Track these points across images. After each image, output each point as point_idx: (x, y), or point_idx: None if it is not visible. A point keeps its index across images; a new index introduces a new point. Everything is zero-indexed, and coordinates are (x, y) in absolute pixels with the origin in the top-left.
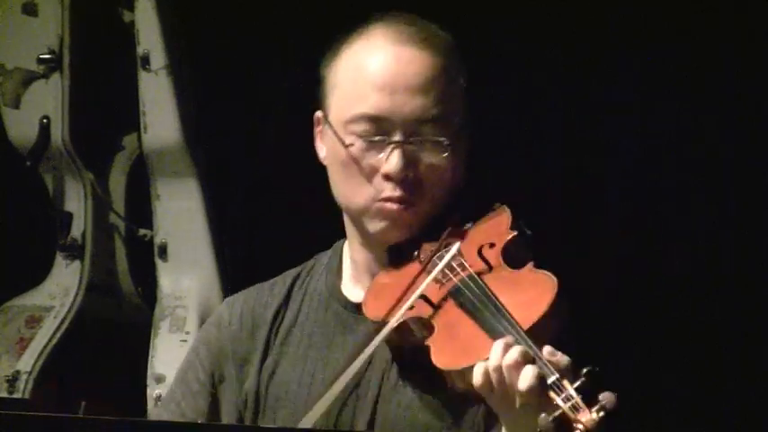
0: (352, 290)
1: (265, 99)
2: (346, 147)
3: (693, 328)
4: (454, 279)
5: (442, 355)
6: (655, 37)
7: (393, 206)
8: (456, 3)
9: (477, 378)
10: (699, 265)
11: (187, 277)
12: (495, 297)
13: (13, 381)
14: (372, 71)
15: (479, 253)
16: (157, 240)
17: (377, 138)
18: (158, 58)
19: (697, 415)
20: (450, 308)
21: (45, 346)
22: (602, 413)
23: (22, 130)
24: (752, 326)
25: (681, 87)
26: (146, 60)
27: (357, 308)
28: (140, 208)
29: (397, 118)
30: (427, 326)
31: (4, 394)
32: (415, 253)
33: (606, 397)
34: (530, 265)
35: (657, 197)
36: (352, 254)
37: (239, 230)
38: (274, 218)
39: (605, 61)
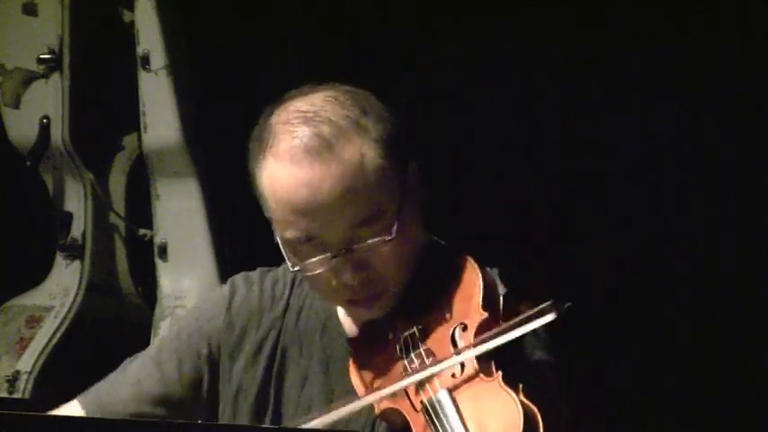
0: (346, 318)
1: (265, 99)
2: (294, 269)
3: (693, 329)
4: (429, 391)
5: None
6: (655, 37)
7: (360, 307)
8: (456, 3)
9: None
10: (699, 265)
11: (187, 277)
12: (463, 426)
13: (13, 381)
14: (287, 198)
15: (452, 341)
16: (157, 240)
17: (318, 257)
18: (158, 58)
19: (697, 415)
20: (424, 424)
21: (45, 346)
22: None
23: (22, 130)
24: (752, 326)
25: (681, 87)
26: (146, 60)
27: (349, 341)
28: (140, 208)
29: (330, 234)
30: (402, 422)
31: (4, 394)
32: (391, 328)
33: None
34: (499, 375)
35: (657, 197)
36: None
37: (239, 230)
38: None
39: (605, 61)
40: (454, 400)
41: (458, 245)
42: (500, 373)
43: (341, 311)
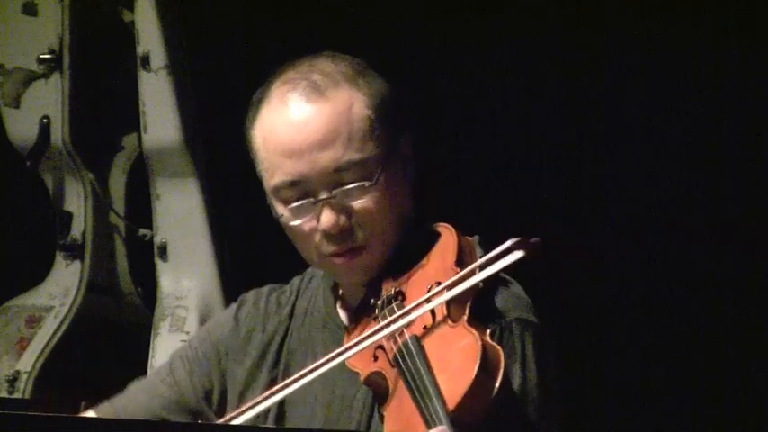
0: (342, 310)
1: None
2: (279, 217)
3: (693, 329)
4: (398, 341)
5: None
6: (655, 37)
7: (341, 260)
8: (457, 3)
9: None
10: (699, 265)
11: (187, 277)
12: (428, 371)
13: (13, 381)
14: (276, 139)
15: (427, 298)
16: (157, 240)
17: (302, 202)
18: (158, 58)
19: (696, 415)
20: (397, 375)
21: (45, 346)
22: None
23: (22, 130)
24: (752, 326)
25: (681, 87)
26: (146, 60)
27: (346, 329)
28: (140, 208)
29: (313, 177)
30: (385, 383)
31: (4, 394)
32: (375, 297)
33: None
34: (465, 316)
35: (657, 197)
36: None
37: (239, 230)
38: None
39: (605, 62)
40: (420, 345)
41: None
42: (466, 316)
43: (340, 304)
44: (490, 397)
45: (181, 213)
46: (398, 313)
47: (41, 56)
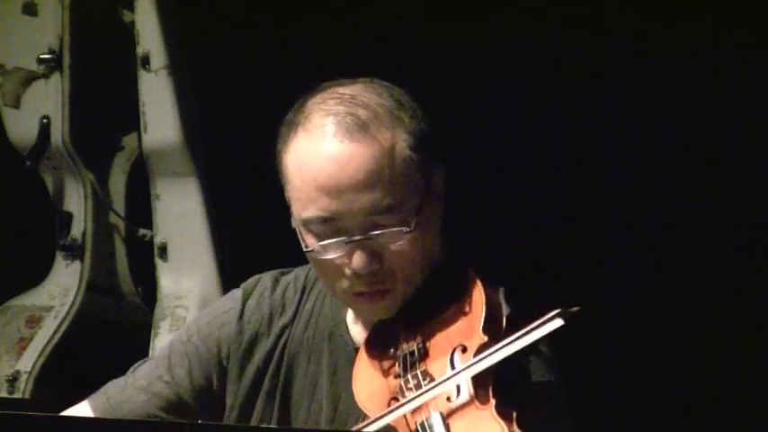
0: (354, 326)
1: (265, 99)
2: (308, 250)
3: (693, 329)
4: (423, 413)
5: None
6: (655, 37)
7: (365, 299)
8: (457, 3)
9: None
10: (699, 266)
11: (187, 277)
12: None
13: (13, 381)
14: (315, 174)
15: (451, 363)
16: (157, 240)
17: (335, 240)
18: (158, 58)
19: (696, 415)
20: None
21: (45, 346)
22: None
23: (22, 130)
24: (752, 326)
25: (681, 87)
26: (146, 60)
27: (356, 350)
28: (140, 208)
29: (350, 217)
30: None
31: (4, 394)
32: (394, 341)
33: None
34: (492, 400)
35: (658, 197)
36: None
37: (239, 230)
38: (274, 218)
39: (605, 61)
40: (446, 425)
41: (467, 259)
42: (494, 401)
43: (349, 319)
44: None
45: (181, 213)
46: (424, 389)
47: (41, 56)
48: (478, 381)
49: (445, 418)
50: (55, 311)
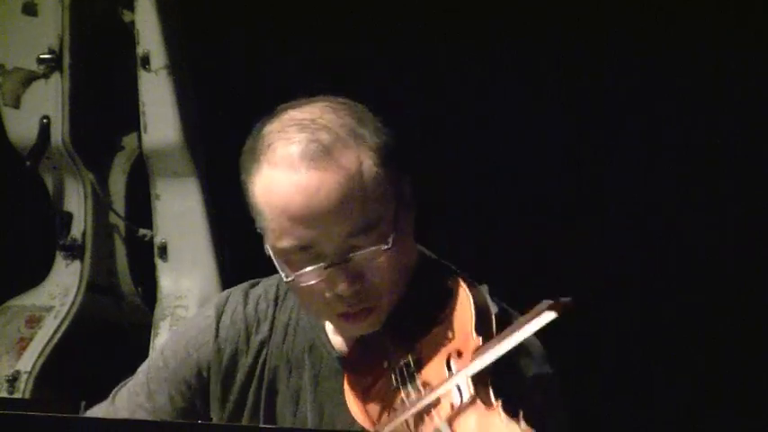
0: (334, 336)
1: (265, 99)
2: (287, 279)
3: (693, 329)
4: (428, 423)
5: None
6: (655, 38)
7: (353, 320)
8: (457, 3)
9: None
10: (699, 266)
11: (187, 277)
12: None
13: (13, 381)
14: (284, 204)
15: (448, 367)
16: (157, 240)
17: (314, 267)
18: (158, 58)
19: (696, 415)
20: None
21: (45, 346)
22: None
23: (22, 130)
24: (752, 326)
25: (681, 87)
26: (146, 60)
27: (341, 361)
28: (140, 208)
29: (326, 243)
30: None
31: (4, 394)
32: (384, 353)
33: None
34: (499, 404)
35: (658, 197)
36: None
37: (239, 230)
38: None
39: (604, 61)
40: (452, 427)
41: (448, 261)
42: (500, 401)
43: (329, 328)
44: None
45: (181, 213)
46: (426, 399)
47: (41, 56)
48: (479, 382)
49: (452, 424)
50: (55, 311)
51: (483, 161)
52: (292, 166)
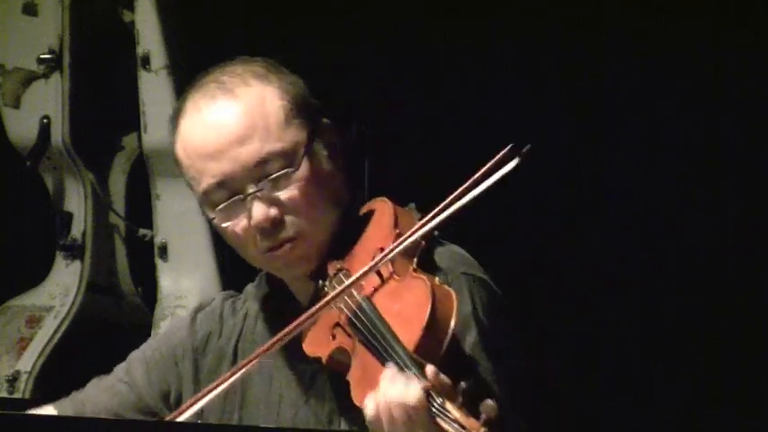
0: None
1: None
2: (212, 220)
3: (693, 329)
4: (347, 309)
5: (357, 395)
6: (655, 38)
7: (279, 252)
8: (457, 3)
9: (368, 412)
10: (699, 266)
11: (187, 277)
12: (383, 322)
13: (13, 381)
14: (195, 145)
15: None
16: (157, 240)
17: (231, 201)
18: (158, 58)
19: (696, 415)
20: (355, 343)
21: (45, 346)
22: (485, 427)
23: (22, 130)
24: (752, 326)
25: (681, 87)
26: (146, 60)
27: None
28: (140, 208)
29: (237, 174)
30: (347, 358)
31: (4, 394)
32: (323, 277)
33: (486, 408)
34: (411, 267)
35: (658, 197)
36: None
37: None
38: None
39: (604, 61)
40: (371, 302)
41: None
42: (412, 265)
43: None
44: (447, 337)
45: (181, 213)
46: (346, 282)
47: (41, 56)
48: (396, 262)
49: (370, 298)
50: (55, 311)
51: (483, 161)
52: (197, 108)
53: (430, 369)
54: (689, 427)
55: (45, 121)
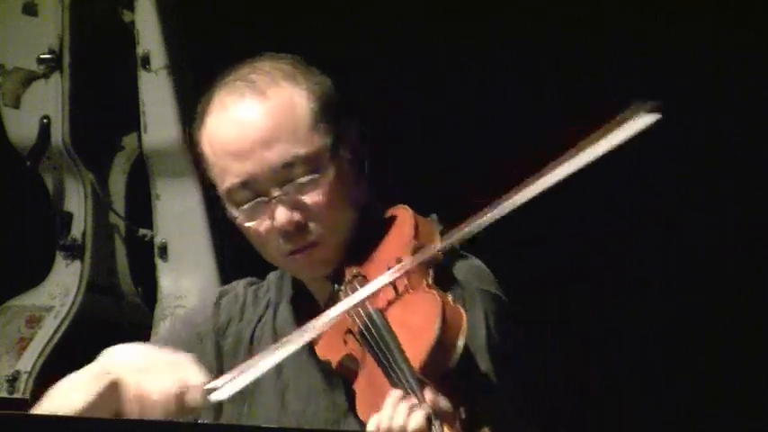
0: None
1: None
2: (235, 220)
3: (693, 329)
4: (359, 319)
5: (361, 406)
6: (655, 38)
7: (300, 256)
8: (457, 3)
9: (370, 428)
10: (699, 266)
11: (187, 277)
12: (392, 336)
13: (13, 381)
14: (221, 142)
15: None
16: (157, 240)
17: (254, 202)
18: (158, 58)
19: (696, 415)
20: (365, 352)
21: (45, 346)
22: None
23: (22, 130)
24: (752, 326)
25: (681, 87)
26: (146, 60)
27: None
28: (140, 208)
29: (262, 176)
30: (356, 365)
31: (4, 394)
32: (339, 281)
33: None
34: (425, 282)
35: (658, 197)
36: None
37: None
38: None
39: (606, 62)
40: (383, 315)
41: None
42: (426, 281)
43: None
44: (453, 357)
45: (181, 213)
46: (360, 290)
47: (41, 56)
48: (412, 275)
49: (382, 311)
50: (55, 311)
51: (483, 161)
52: (225, 105)
53: (431, 393)
54: (689, 427)
55: (45, 121)
